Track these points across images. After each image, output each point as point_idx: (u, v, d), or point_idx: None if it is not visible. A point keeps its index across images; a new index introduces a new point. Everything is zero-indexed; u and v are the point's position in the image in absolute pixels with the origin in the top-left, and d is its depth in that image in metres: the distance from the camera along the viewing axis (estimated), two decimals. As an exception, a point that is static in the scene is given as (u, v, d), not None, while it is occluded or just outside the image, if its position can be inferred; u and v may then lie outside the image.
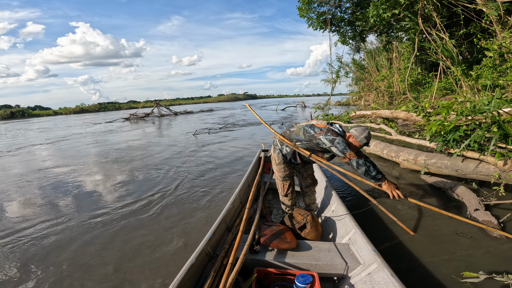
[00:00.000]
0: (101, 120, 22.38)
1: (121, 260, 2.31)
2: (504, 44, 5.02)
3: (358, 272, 1.73)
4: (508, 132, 2.70)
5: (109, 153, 7.55)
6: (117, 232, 2.82)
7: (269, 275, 1.66)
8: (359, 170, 2.00)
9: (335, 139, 2.06)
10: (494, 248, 2.19)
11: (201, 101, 79.00)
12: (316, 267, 1.76)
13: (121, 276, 2.10)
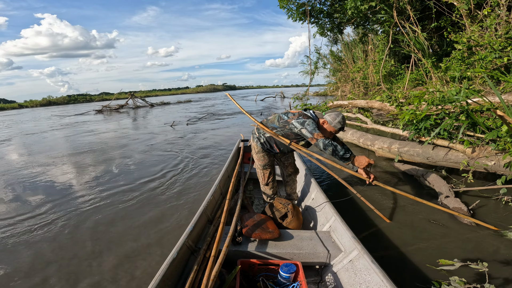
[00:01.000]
0: (70, 113, 21.17)
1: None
2: (472, 38, 5.30)
3: (340, 260, 1.76)
4: (476, 121, 2.86)
5: (77, 148, 7.18)
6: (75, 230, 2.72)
7: (253, 266, 1.65)
8: (327, 151, 1.97)
9: (306, 121, 2.08)
10: (465, 235, 2.28)
11: (179, 92, 76.97)
12: (299, 256, 1.78)
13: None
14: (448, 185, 2.95)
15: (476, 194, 2.91)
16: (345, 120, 2.16)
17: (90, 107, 24.97)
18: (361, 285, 1.50)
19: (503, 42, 4.67)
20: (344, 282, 1.63)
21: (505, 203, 2.65)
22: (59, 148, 7.22)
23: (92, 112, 19.99)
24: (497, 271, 1.80)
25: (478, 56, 4.98)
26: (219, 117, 12.72)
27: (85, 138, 8.59)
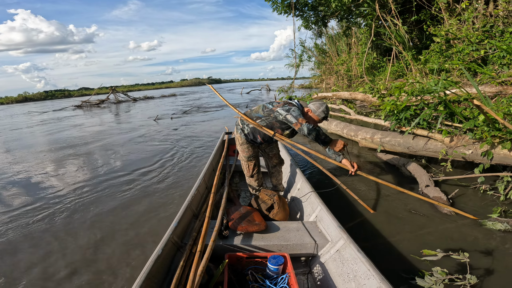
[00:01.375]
0: (48, 109, 20.31)
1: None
2: (451, 31, 5.45)
3: (327, 250, 1.77)
4: (454, 111, 2.96)
5: (57, 143, 6.90)
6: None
7: (241, 259, 1.63)
8: (311, 135, 2.02)
9: (291, 107, 2.10)
10: (446, 224, 2.32)
11: (163, 86, 75.30)
12: (286, 247, 1.78)
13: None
14: (428, 174, 3.03)
15: (455, 183, 2.99)
16: (329, 109, 2.18)
17: (69, 102, 24.02)
18: (348, 275, 1.52)
19: (480, 35, 4.83)
20: (332, 272, 1.64)
21: (483, 191, 2.73)
22: (37, 144, 6.93)
23: (70, 108, 19.22)
24: (477, 261, 1.83)
25: (456, 49, 5.14)
26: (205, 110, 12.58)
27: (62, 134, 8.24)
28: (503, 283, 1.65)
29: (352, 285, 1.45)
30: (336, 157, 2.22)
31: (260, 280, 1.54)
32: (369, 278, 1.37)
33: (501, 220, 2.22)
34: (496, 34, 4.69)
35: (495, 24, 4.84)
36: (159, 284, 1.47)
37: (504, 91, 3.37)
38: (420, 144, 3.28)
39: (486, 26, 4.89)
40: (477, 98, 3.16)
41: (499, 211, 2.33)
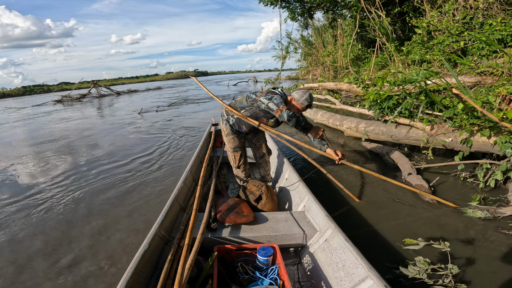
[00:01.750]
0: (26, 104, 19.49)
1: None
2: (432, 23, 5.56)
3: (316, 240, 1.78)
4: (434, 100, 3.04)
5: (34, 139, 6.64)
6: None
7: (231, 251, 1.62)
8: (291, 122, 2.02)
9: (273, 96, 2.10)
10: (428, 212, 2.36)
11: (148, 79, 73.64)
12: (275, 238, 1.78)
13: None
14: (410, 162, 3.12)
15: (437, 171, 3.08)
16: (312, 97, 2.19)
17: (48, 97, 23.11)
18: (337, 264, 1.53)
19: (460, 27, 4.96)
20: (322, 262, 1.65)
21: (463, 179, 2.83)
22: (15, 140, 6.64)
23: (50, 103, 18.51)
24: (459, 250, 1.87)
25: (437, 40, 5.26)
26: (191, 102, 12.41)
27: (41, 129, 7.92)
28: (484, 272, 1.69)
29: (341, 274, 1.47)
30: (321, 147, 2.24)
31: (250, 272, 1.53)
32: (357, 267, 1.38)
33: (481, 208, 2.28)
34: (476, 26, 4.82)
35: (474, 16, 4.97)
36: (147, 280, 1.45)
37: (483, 81, 3.49)
38: (403, 132, 3.37)
39: (466, 18, 5.01)
40: (456, 87, 3.26)
41: (478, 199, 2.39)
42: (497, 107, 2.71)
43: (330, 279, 1.52)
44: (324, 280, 1.55)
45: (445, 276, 1.60)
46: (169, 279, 1.39)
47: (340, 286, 1.44)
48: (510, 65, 3.25)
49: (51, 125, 8.78)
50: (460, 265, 1.72)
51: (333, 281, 1.50)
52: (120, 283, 1.24)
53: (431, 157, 3.11)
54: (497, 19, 4.39)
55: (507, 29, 4.01)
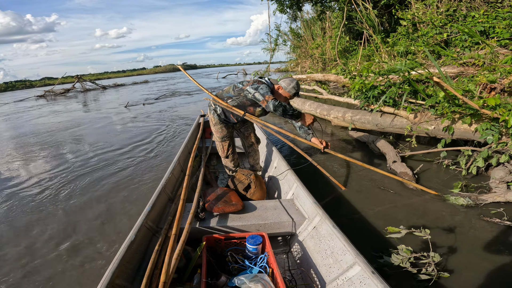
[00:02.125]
0: (9, 100, 18.83)
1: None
2: (416, 15, 5.64)
3: (305, 227, 1.79)
4: (417, 89, 3.12)
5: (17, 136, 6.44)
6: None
7: (220, 241, 1.61)
8: (278, 111, 2.00)
9: (259, 85, 2.09)
10: (411, 200, 2.39)
11: (135, 73, 72.15)
12: (264, 227, 1.78)
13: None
14: (395, 150, 3.19)
15: (420, 159, 3.15)
16: (299, 85, 2.18)
17: (31, 93, 22.40)
18: (326, 251, 1.54)
19: (444, 19, 5.06)
20: (311, 250, 1.66)
21: (446, 166, 2.88)
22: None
23: (33, 98, 17.93)
24: (441, 238, 1.88)
25: (421, 32, 5.35)
26: (178, 96, 12.25)
27: (22, 125, 7.70)
28: (466, 259, 1.70)
29: (330, 261, 1.48)
30: (306, 136, 2.26)
31: (239, 261, 1.53)
32: (345, 254, 1.39)
33: (463, 195, 2.32)
34: (459, 18, 4.92)
35: (458, 8, 5.07)
36: (134, 270, 1.45)
37: (465, 72, 3.59)
38: (387, 121, 3.44)
39: (449, 10, 5.12)
40: (437, 76, 3.34)
41: (460, 186, 2.44)
42: (477, 95, 2.80)
43: (319, 267, 1.54)
44: (314, 268, 1.57)
45: (428, 265, 1.61)
46: (157, 269, 1.39)
47: (329, 273, 1.46)
48: (491, 56, 3.34)
49: (33, 120, 8.49)
50: (443, 253, 1.73)
51: (322, 268, 1.51)
52: (106, 274, 1.22)
53: (415, 145, 3.18)
54: (479, 11, 4.50)
55: (489, 21, 4.11)
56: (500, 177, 2.34)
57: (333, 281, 1.40)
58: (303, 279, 1.59)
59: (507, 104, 2.33)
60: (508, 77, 2.71)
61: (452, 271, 1.61)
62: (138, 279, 1.42)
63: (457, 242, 1.85)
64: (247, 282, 1.25)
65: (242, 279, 1.28)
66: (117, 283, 1.26)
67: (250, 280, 1.26)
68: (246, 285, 1.24)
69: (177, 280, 1.47)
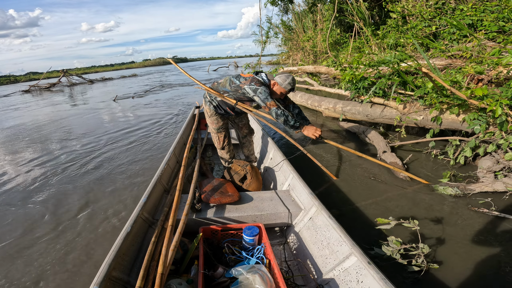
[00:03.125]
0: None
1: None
2: (406, 7, 5.69)
3: (301, 218, 1.79)
4: (406, 80, 3.16)
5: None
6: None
7: (216, 232, 1.61)
8: (279, 120, 2.04)
9: (258, 88, 2.08)
10: (401, 190, 2.42)
11: (123, 67, 70.66)
12: (261, 218, 1.78)
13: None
14: (385, 140, 3.26)
15: (410, 149, 3.21)
16: (295, 81, 2.19)
17: (16, 88, 21.74)
18: (322, 242, 1.55)
19: (433, 12, 5.11)
20: (307, 241, 1.67)
21: (434, 156, 2.94)
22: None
23: (18, 93, 17.39)
24: (430, 229, 1.90)
25: (410, 25, 5.41)
26: (170, 90, 12.07)
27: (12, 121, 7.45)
28: (455, 250, 1.72)
29: (326, 252, 1.49)
30: (295, 129, 2.22)
31: (236, 252, 1.54)
32: (341, 245, 1.40)
33: (452, 185, 2.35)
34: (448, 11, 4.98)
35: (446, 1, 5.13)
36: (131, 262, 1.44)
37: (453, 64, 3.65)
38: (377, 111, 3.49)
39: (438, 3, 5.17)
40: (426, 67, 3.39)
41: (448, 176, 2.48)
42: (465, 86, 2.86)
43: (315, 257, 1.55)
44: (310, 259, 1.57)
45: (418, 256, 1.62)
46: (154, 261, 1.38)
47: (325, 264, 1.46)
48: (479, 48, 3.41)
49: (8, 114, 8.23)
50: (432, 244, 1.75)
51: (318, 259, 1.52)
52: (102, 266, 1.21)
53: (404, 135, 3.24)
54: (468, 4, 4.56)
55: (477, 15, 4.18)
56: (488, 166, 2.39)
57: (330, 272, 1.40)
58: (300, 270, 1.60)
59: (494, 94, 2.39)
60: (496, 69, 2.77)
61: (441, 262, 1.63)
62: (135, 271, 1.42)
63: (446, 233, 1.86)
64: (245, 273, 1.25)
65: (240, 270, 1.28)
66: (114, 275, 1.26)
67: (247, 271, 1.26)
68: (244, 276, 1.24)
69: (174, 271, 1.47)
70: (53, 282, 1.70)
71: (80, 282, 1.68)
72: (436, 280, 1.53)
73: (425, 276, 1.54)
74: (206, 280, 1.37)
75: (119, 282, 1.29)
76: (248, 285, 1.21)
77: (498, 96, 2.34)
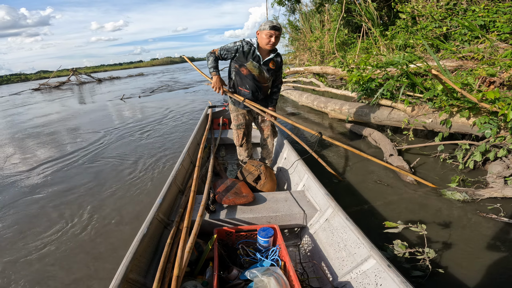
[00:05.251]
0: (5, 93, 18.62)
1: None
2: (416, 8, 5.63)
3: (316, 219, 1.75)
4: (415, 82, 3.13)
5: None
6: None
7: (231, 234, 1.59)
8: (207, 60, 2.24)
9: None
10: (408, 194, 2.38)
11: (132, 66, 71.58)
12: (276, 219, 1.75)
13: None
14: (392, 143, 3.19)
15: (417, 152, 3.15)
16: (274, 20, 2.15)
17: (26, 86, 22.15)
18: (339, 244, 1.51)
19: (443, 12, 5.05)
20: (323, 242, 1.64)
21: (443, 160, 2.87)
22: None
23: (28, 91, 17.74)
24: (437, 233, 1.87)
25: (420, 26, 5.35)
26: (177, 89, 12.16)
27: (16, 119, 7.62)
28: (461, 255, 1.68)
29: (343, 254, 1.45)
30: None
31: (251, 254, 1.52)
32: (359, 247, 1.36)
33: (460, 190, 2.30)
34: (459, 12, 4.92)
35: (458, 2, 5.07)
36: (147, 264, 1.44)
37: (464, 65, 3.62)
38: (385, 114, 3.46)
39: (449, 4, 5.10)
40: (436, 69, 3.36)
41: (457, 180, 2.42)
42: (476, 88, 2.83)
43: (331, 260, 1.51)
44: (325, 261, 1.54)
45: (423, 261, 1.59)
46: (169, 263, 1.38)
47: (342, 266, 1.43)
48: (491, 50, 3.37)
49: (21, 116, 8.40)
50: (438, 249, 1.72)
51: (334, 262, 1.48)
52: (119, 268, 1.22)
53: (412, 138, 3.20)
54: (480, 5, 4.50)
55: (489, 15, 4.12)
56: (498, 171, 2.32)
57: (347, 274, 1.37)
58: (315, 272, 1.57)
59: (506, 97, 2.35)
60: (508, 71, 2.74)
61: (447, 267, 1.60)
62: (151, 273, 1.42)
63: (453, 238, 1.83)
64: (259, 275, 1.23)
65: (254, 272, 1.26)
66: (131, 277, 1.26)
67: (262, 273, 1.24)
68: (259, 278, 1.22)
69: (189, 273, 1.47)
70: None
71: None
72: (441, 285, 1.51)
73: (429, 281, 1.52)
74: (221, 282, 1.37)
75: (136, 284, 1.29)
76: (263, 287, 1.20)
77: (510, 100, 2.30)
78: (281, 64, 2.32)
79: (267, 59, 2.20)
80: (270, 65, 2.22)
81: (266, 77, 2.26)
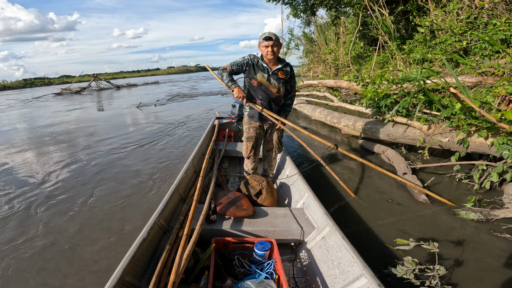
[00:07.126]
0: (28, 97, 19.57)
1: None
2: (435, 22, 5.53)
3: (313, 237, 1.79)
4: (432, 99, 3.03)
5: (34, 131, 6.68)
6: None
7: (228, 244, 1.63)
8: (221, 76, 2.35)
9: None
10: (420, 213, 2.35)
11: (149, 73, 73.86)
12: (273, 233, 1.79)
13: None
14: (406, 162, 3.10)
15: (432, 171, 3.06)
16: (272, 33, 2.17)
17: (49, 90, 23.20)
18: (333, 262, 1.54)
19: (464, 26, 4.92)
20: (318, 259, 1.66)
21: (459, 180, 2.80)
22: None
23: (50, 95, 18.55)
24: (448, 251, 1.85)
25: (439, 40, 5.23)
26: (191, 98, 12.40)
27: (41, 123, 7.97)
28: (471, 274, 1.67)
29: (336, 272, 1.48)
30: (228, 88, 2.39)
31: (246, 265, 1.54)
32: (353, 266, 1.39)
33: (475, 210, 2.26)
34: (480, 26, 4.79)
35: (479, 16, 4.94)
36: (143, 268, 1.46)
37: (484, 82, 3.49)
38: (399, 131, 3.37)
39: (470, 18, 4.98)
40: (454, 86, 3.25)
41: (473, 200, 2.38)
42: (496, 107, 2.72)
43: (325, 276, 1.53)
44: (319, 277, 1.56)
45: (432, 277, 1.60)
46: (166, 268, 1.41)
47: (334, 283, 1.45)
48: (511, 65, 3.24)
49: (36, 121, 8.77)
50: (449, 266, 1.71)
51: (327, 278, 1.51)
52: (116, 270, 1.24)
53: (427, 157, 3.10)
54: (501, 19, 4.37)
55: (511, 29, 3.99)
56: None
57: None
58: (308, 287, 1.59)
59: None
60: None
61: (456, 285, 1.58)
62: (146, 277, 1.44)
63: (465, 256, 1.81)
64: (253, 287, 1.25)
65: (249, 283, 1.28)
66: (126, 280, 1.28)
67: (256, 286, 1.26)
68: None
69: (184, 280, 1.48)
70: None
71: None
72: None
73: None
74: (215, 291, 1.37)
75: (131, 287, 1.31)
76: (256, 300, 1.20)
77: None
78: (292, 73, 2.35)
79: (275, 69, 2.26)
80: (279, 74, 2.27)
81: (277, 87, 2.30)
